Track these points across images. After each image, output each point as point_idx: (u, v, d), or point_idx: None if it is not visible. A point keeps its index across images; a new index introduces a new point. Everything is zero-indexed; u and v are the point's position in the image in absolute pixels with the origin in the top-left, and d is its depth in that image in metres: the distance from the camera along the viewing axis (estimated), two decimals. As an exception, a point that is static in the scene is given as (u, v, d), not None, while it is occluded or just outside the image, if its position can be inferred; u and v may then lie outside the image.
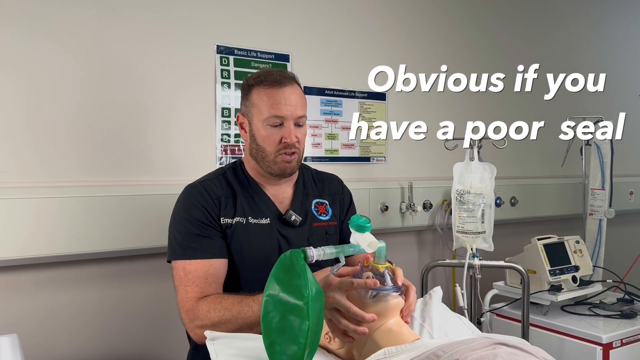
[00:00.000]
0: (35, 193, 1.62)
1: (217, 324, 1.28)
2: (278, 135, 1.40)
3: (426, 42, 2.50)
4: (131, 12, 1.81)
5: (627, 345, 1.98)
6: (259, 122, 1.42)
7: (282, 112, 1.39)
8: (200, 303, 1.32)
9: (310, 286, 0.98)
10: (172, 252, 1.41)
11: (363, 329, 1.10)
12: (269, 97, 1.40)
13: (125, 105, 1.81)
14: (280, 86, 1.40)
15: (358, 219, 1.13)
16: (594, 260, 2.33)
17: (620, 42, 3.28)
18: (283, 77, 1.42)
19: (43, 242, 1.63)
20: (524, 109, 2.56)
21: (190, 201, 1.42)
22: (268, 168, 1.44)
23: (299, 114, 1.42)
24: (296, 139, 1.41)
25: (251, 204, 1.45)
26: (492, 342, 1.05)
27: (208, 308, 1.30)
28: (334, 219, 1.56)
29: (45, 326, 1.72)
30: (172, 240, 1.41)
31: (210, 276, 1.36)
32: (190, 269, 1.36)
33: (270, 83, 1.41)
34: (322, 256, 1.11)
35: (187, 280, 1.35)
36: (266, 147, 1.42)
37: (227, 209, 1.42)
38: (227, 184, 1.46)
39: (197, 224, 1.39)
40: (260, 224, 1.44)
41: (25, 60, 1.65)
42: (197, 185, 1.45)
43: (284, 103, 1.39)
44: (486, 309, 2.19)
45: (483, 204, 1.92)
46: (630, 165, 3.17)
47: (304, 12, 2.18)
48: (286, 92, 1.40)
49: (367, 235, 1.13)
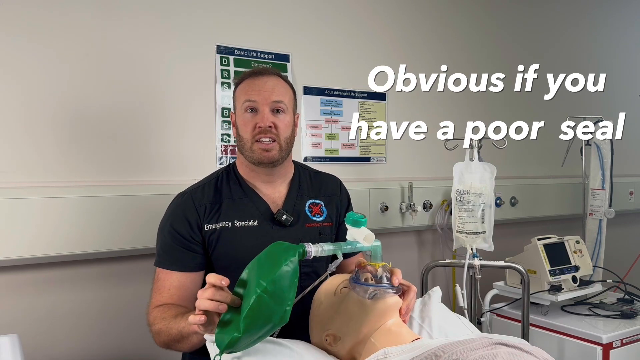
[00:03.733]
0: (35, 193, 1.62)
1: (155, 332, 1.34)
2: (253, 121, 1.42)
3: (426, 42, 2.50)
4: (131, 12, 1.81)
5: (627, 345, 1.98)
6: (239, 112, 1.45)
7: (255, 97, 1.42)
8: (154, 310, 1.38)
9: (274, 281, 1.01)
10: (156, 257, 1.47)
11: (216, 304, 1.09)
12: (247, 85, 1.45)
13: (125, 106, 1.81)
14: (259, 75, 1.46)
15: (353, 214, 1.15)
16: (594, 260, 2.33)
17: (621, 42, 3.28)
18: (264, 69, 1.50)
19: (43, 242, 1.63)
20: (524, 109, 2.56)
21: (175, 211, 1.45)
22: (249, 158, 1.45)
23: (274, 98, 1.42)
24: (271, 124, 1.41)
25: (239, 208, 1.46)
26: (492, 342, 1.06)
27: (155, 315, 1.36)
28: (329, 220, 1.55)
29: (45, 326, 1.72)
30: (157, 246, 1.47)
31: (173, 288, 1.40)
32: (160, 277, 1.42)
33: (250, 74, 1.47)
34: (320, 252, 1.12)
35: (155, 287, 1.42)
36: (244, 134, 1.44)
37: (211, 215, 1.44)
38: (216, 189, 1.48)
39: (177, 237, 1.42)
40: (248, 227, 1.44)
41: (26, 60, 1.65)
42: (185, 194, 1.48)
43: (257, 89, 1.43)
44: (486, 309, 2.19)
45: (483, 204, 1.92)
46: (630, 165, 3.17)
47: (304, 13, 2.18)
48: (262, 79, 1.45)
49: (363, 229, 1.14)
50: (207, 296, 1.08)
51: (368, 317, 1.16)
